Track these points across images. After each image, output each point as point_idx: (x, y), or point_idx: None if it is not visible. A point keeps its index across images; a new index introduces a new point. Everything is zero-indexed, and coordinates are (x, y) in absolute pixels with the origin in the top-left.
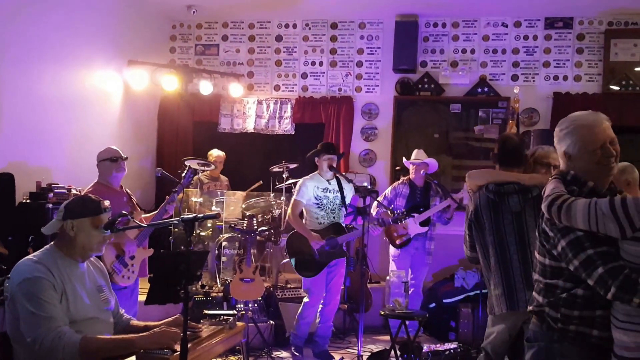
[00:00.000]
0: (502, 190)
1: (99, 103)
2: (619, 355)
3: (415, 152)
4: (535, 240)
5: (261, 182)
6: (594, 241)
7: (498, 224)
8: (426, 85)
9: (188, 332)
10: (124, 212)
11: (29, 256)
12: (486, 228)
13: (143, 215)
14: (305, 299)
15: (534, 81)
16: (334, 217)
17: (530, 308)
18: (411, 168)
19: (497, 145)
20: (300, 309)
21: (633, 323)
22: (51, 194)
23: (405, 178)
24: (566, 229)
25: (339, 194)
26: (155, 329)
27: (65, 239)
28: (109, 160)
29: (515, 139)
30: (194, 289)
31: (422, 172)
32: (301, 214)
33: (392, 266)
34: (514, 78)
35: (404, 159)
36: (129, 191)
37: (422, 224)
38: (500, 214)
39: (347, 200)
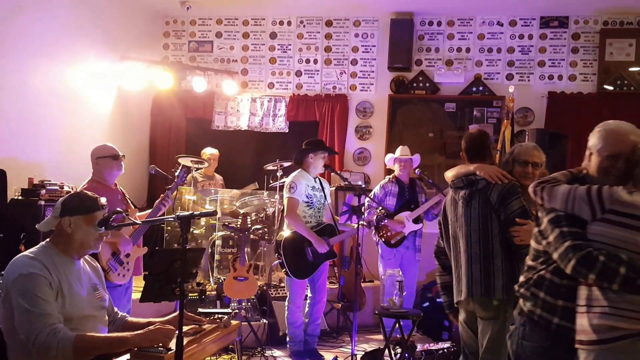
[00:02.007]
0: (454, 185)
1: (91, 99)
2: (579, 340)
3: (400, 148)
4: (476, 231)
5: (256, 184)
6: (570, 221)
7: (454, 218)
8: (421, 84)
9: (193, 325)
10: (118, 209)
11: (25, 252)
12: (448, 221)
13: (137, 214)
14: (287, 303)
15: (528, 80)
16: (319, 216)
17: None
18: (398, 165)
19: (462, 142)
20: (286, 314)
21: (590, 306)
22: (43, 191)
23: (391, 176)
24: (551, 209)
25: (322, 193)
26: (149, 327)
27: (61, 236)
28: (111, 158)
29: (477, 132)
30: (190, 287)
31: (417, 171)
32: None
33: (381, 268)
34: (509, 77)
35: (388, 155)
36: (122, 189)
37: (415, 221)
38: (456, 208)
39: (328, 200)
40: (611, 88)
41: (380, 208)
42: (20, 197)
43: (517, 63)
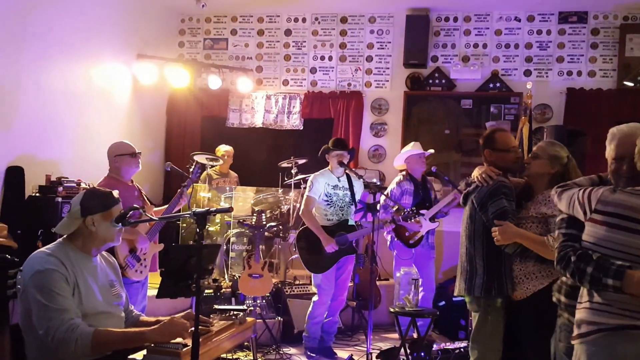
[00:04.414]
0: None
1: (108, 97)
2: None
3: (414, 144)
4: (465, 232)
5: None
6: (570, 223)
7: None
8: (437, 81)
9: (200, 326)
10: (135, 205)
11: (42, 249)
12: None
13: (153, 209)
14: (315, 298)
15: (547, 76)
16: (342, 214)
17: None
18: (418, 160)
19: None
20: (310, 308)
21: (580, 302)
22: (60, 188)
23: (404, 174)
24: (560, 211)
25: (348, 192)
26: (164, 321)
27: (83, 234)
28: (130, 156)
29: (487, 131)
30: (206, 283)
31: (433, 168)
32: None
33: (396, 266)
34: (527, 73)
35: (403, 150)
36: (139, 186)
37: (431, 219)
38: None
39: (357, 197)
40: (631, 84)
41: (396, 207)
42: (37, 194)
43: (535, 59)
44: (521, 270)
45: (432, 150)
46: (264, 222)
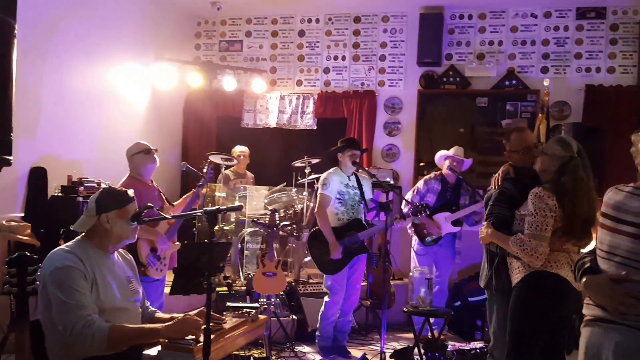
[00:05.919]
0: None
1: (127, 99)
2: None
3: (455, 148)
4: None
5: (285, 183)
6: None
7: None
8: (451, 79)
9: (211, 323)
10: (149, 204)
11: (61, 246)
12: None
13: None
14: (326, 298)
15: (565, 73)
16: (353, 213)
17: None
18: (446, 162)
19: None
20: (322, 308)
21: None
22: (82, 188)
23: (437, 173)
24: None
25: (358, 190)
26: (178, 318)
27: (99, 232)
28: (144, 152)
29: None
30: (217, 280)
31: (447, 167)
32: None
33: (415, 262)
34: (544, 70)
35: (439, 152)
36: (158, 186)
37: (454, 223)
38: None
39: (367, 196)
40: None
41: (420, 204)
42: (60, 194)
43: (552, 56)
44: (511, 264)
45: (464, 159)
46: (278, 221)
